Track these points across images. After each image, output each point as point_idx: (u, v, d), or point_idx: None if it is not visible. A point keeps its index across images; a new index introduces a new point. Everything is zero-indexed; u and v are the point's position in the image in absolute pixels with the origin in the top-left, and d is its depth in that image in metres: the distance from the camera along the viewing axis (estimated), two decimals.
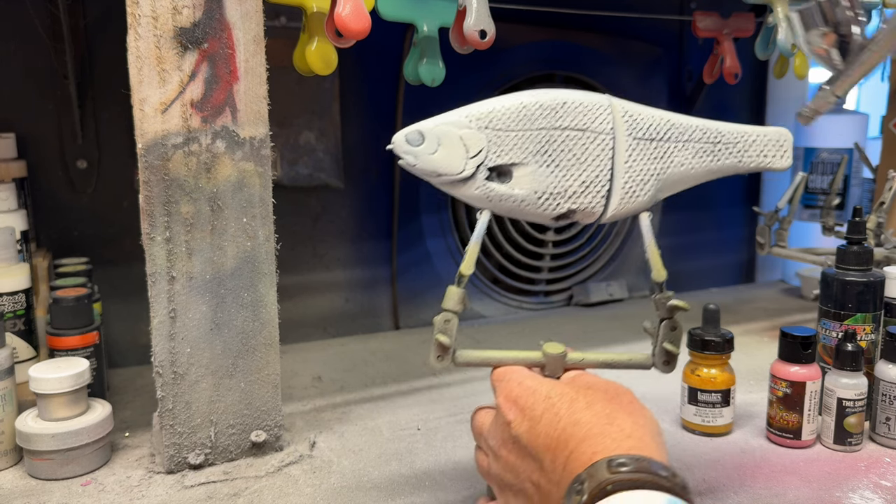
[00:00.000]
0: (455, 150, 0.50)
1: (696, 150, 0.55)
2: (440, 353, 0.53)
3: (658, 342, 0.55)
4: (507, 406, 0.48)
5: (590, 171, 0.52)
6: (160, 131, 0.61)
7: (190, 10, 0.60)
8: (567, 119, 0.52)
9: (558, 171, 0.52)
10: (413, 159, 0.50)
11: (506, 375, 0.51)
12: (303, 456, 0.70)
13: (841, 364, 0.69)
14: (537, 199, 0.52)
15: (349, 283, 1.12)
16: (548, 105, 0.52)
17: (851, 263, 0.74)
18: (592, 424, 0.43)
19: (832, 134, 1.30)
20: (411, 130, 0.51)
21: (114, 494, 0.63)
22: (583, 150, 0.52)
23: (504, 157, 0.51)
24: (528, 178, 0.51)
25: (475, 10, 0.71)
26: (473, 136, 0.51)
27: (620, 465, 0.38)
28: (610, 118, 0.53)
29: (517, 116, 0.51)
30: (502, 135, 0.51)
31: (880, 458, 0.69)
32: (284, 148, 1.04)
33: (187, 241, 0.63)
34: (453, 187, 0.51)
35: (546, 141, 0.51)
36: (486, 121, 0.51)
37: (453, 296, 0.52)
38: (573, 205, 0.52)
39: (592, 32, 1.22)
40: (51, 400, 0.65)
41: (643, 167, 0.53)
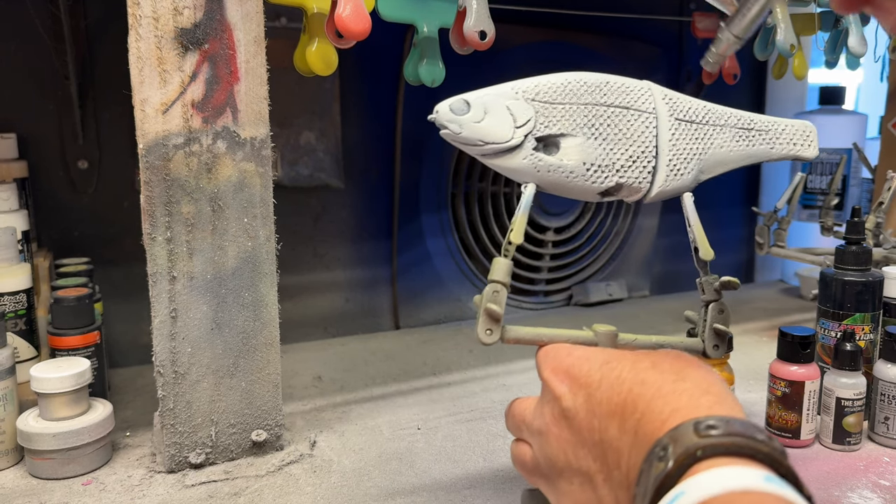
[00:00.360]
0: (502, 118, 0.49)
1: (733, 135, 0.56)
2: (490, 327, 0.49)
3: (707, 325, 0.55)
4: (557, 378, 0.44)
5: (636, 147, 0.52)
6: (161, 132, 0.61)
7: (191, 10, 0.61)
8: (611, 97, 0.52)
9: (605, 144, 0.51)
10: (458, 128, 0.49)
11: (552, 350, 0.47)
12: (303, 455, 0.70)
13: (840, 364, 0.70)
14: (585, 170, 0.51)
15: (349, 282, 1.12)
16: (592, 83, 0.52)
17: (850, 263, 0.74)
18: (662, 382, 0.38)
19: (831, 134, 1.31)
20: (456, 100, 0.50)
21: (115, 494, 0.63)
22: (628, 126, 0.52)
23: (552, 127, 0.50)
24: (577, 149, 0.51)
25: (475, 10, 0.71)
26: (521, 106, 0.50)
27: (709, 427, 0.33)
28: (651, 99, 0.54)
29: (563, 90, 0.51)
30: (549, 107, 0.51)
31: (879, 458, 0.69)
32: (285, 148, 1.04)
33: (188, 241, 0.64)
34: (498, 157, 0.50)
35: (592, 115, 0.51)
36: (532, 93, 0.51)
37: (502, 267, 0.50)
38: (620, 178, 0.52)
39: (592, 33, 1.22)
40: (52, 399, 0.65)
41: (686, 146, 0.54)
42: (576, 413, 0.41)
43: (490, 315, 0.49)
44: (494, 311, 0.49)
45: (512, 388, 0.88)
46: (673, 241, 1.38)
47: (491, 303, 0.49)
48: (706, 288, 0.55)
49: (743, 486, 0.30)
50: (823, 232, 1.13)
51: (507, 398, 0.85)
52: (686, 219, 0.55)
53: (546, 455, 0.43)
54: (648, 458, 0.34)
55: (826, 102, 1.33)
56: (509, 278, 0.49)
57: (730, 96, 1.40)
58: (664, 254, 1.38)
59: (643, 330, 1.10)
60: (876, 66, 1.19)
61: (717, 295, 0.55)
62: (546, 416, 0.43)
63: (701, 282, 0.55)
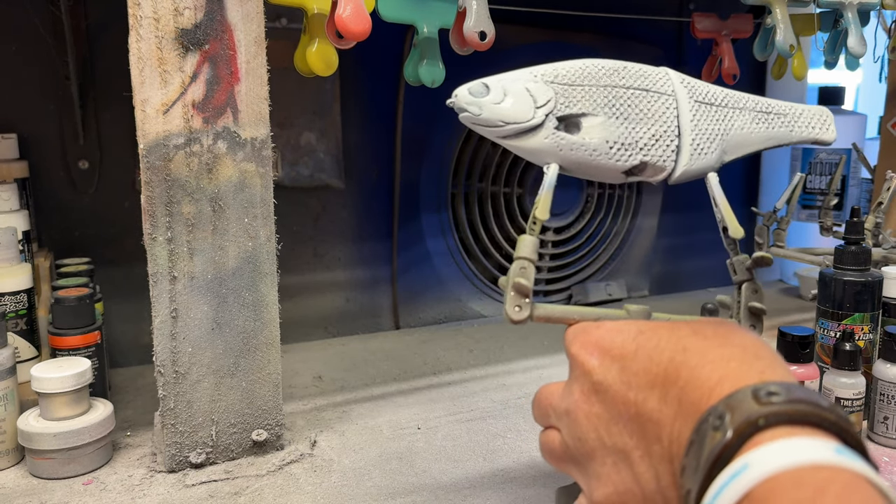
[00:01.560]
0: (522, 99, 0.49)
1: (753, 118, 0.57)
2: (519, 303, 0.47)
3: (742, 305, 0.54)
4: (587, 352, 0.41)
5: (658, 126, 0.52)
6: (162, 132, 0.61)
7: (191, 11, 0.61)
8: (629, 80, 0.52)
9: (627, 123, 0.51)
10: (477, 109, 0.49)
11: (580, 326, 0.44)
12: (304, 455, 0.70)
13: (839, 364, 0.70)
14: (609, 148, 0.51)
15: (350, 282, 1.13)
16: (609, 67, 0.52)
17: (849, 263, 0.74)
18: (706, 348, 0.35)
19: None
20: (475, 83, 0.50)
21: (115, 493, 0.63)
22: (648, 106, 0.52)
23: (573, 107, 0.50)
24: (599, 127, 0.51)
25: (475, 11, 0.71)
26: (540, 87, 0.50)
27: (770, 393, 0.30)
28: (670, 82, 0.54)
29: (581, 74, 0.51)
30: (569, 89, 0.51)
31: (878, 458, 0.69)
32: (285, 148, 1.04)
33: (189, 241, 0.64)
34: (519, 138, 0.50)
35: (613, 96, 0.51)
36: (551, 76, 0.51)
37: (528, 243, 0.48)
38: (644, 157, 0.52)
39: (591, 33, 1.23)
40: (52, 399, 0.66)
41: (708, 127, 0.54)
42: (608, 386, 0.38)
43: (519, 290, 0.47)
44: (523, 285, 0.47)
45: (512, 388, 0.88)
46: (672, 241, 1.38)
47: (519, 277, 0.47)
48: (738, 268, 0.54)
49: (814, 460, 0.27)
50: (823, 232, 1.13)
51: (507, 398, 0.85)
52: (712, 199, 0.55)
53: (576, 436, 0.40)
54: (700, 428, 0.32)
55: (825, 103, 1.33)
56: (536, 255, 0.48)
57: None
58: (664, 254, 1.38)
59: None
60: (875, 67, 1.19)
61: (750, 275, 0.54)
62: (575, 394, 0.41)
63: (732, 262, 0.54)
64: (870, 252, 0.75)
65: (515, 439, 0.74)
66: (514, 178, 1.22)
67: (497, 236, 1.22)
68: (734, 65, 1.05)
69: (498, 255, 1.23)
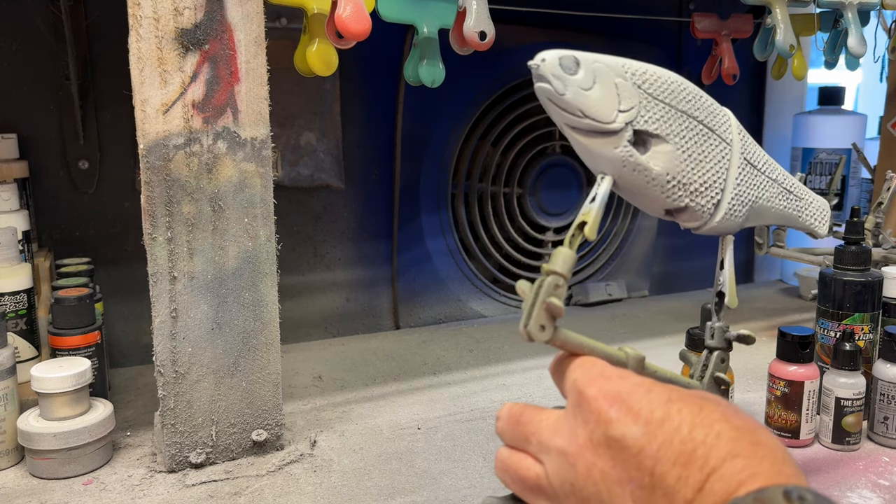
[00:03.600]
0: (609, 95, 0.44)
1: (779, 192, 0.55)
2: (545, 323, 0.43)
3: (708, 372, 0.52)
4: (606, 401, 0.38)
5: (711, 174, 0.49)
6: (162, 132, 0.62)
7: (191, 11, 0.61)
8: (703, 113, 0.49)
9: (689, 160, 0.48)
10: (562, 87, 0.43)
11: (597, 366, 0.41)
12: (303, 455, 0.70)
13: (839, 364, 0.70)
14: (666, 181, 0.47)
15: (350, 282, 1.13)
16: (690, 91, 0.48)
17: (849, 263, 0.74)
18: (738, 440, 0.35)
19: (830, 134, 1.31)
20: (567, 54, 0.43)
21: (115, 493, 0.63)
22: (710, 149, 0.49)
23: (651, 124, 0.46)
24: (665, 156, 0.46)
25: (475, 11, 0.71)
26: (628, 88, 0.45)
27: (802, 498, 0.31)
28: (731, 130, 0.51)
29: (667, 89, 0.47)
30: (651, 102, 0.46)
31: (878, 458, 0.69)
32: (285, 148, 1.04)
33: (189, 241, 0.64)
34: (589, 137, 0.44)
35: (685, 126, 0.48)
36: (640, 79, 0.46)
37: (567, 258, 0.43)
38: (691, 201, 0.48)
39: (591, 34, 1.23)
40: (52, 399, 0.66)
41: (746, 190, 0.52)
42: (626, 447, 0.36)
43: (550, 310, 0.42)
44: (556, 306, 0.42)
45: (512, 388, 0.88)
46: (672, 241, 1.38)
47: (553, 297, 0.42)
48: (717, 335, 0.52)
49: None
50: None
51: (507, 398, 0.85)
52: (719, 261, 0.53)
53: (567, 481, 0.38)
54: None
55: (825, 103, 1.33)
56: (571, 273, 0.44)
57: (729, 97, 1.41)
58: (663, 254, 1.38)
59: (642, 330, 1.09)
60: (875, 67, 1.19)
61: (726, 345, 0.53)
62: (580, 439, 0.38)
63: (713, 327, 0.52)
64: (870, 252, 0.75)
65: None
66: (514, 179, 1.22)
67: (497, 236, 1.22)
68: (734, 65, 1.05)
69: (498, 255, 1.23)
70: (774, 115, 1.46)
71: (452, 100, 1.13)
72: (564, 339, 0.44)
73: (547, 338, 0.43)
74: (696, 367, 0.53)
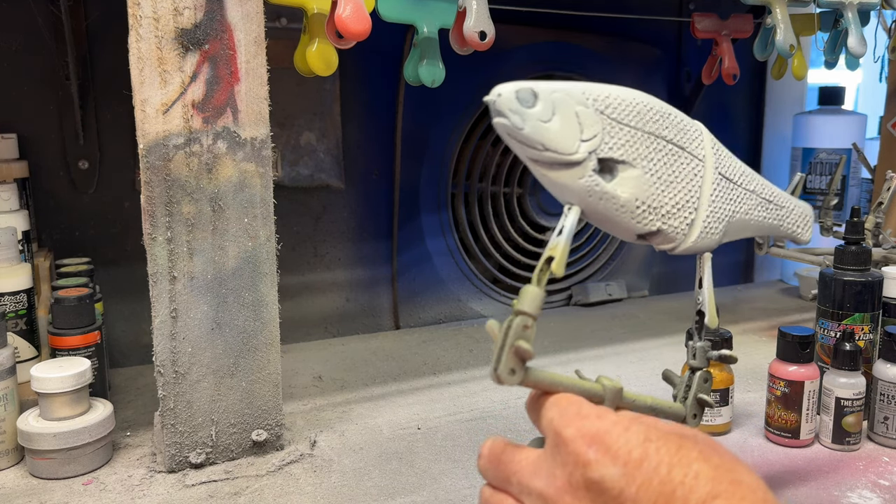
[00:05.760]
0: (570, 125, 0.42)
1: (758, 203, 0.53)
2: (515, 367, 0.43)
3: (691, 393, 0.50)
4: (584, 442, 0.38)
5: (683, 194, 0.47)
6: (161, 132, 0.61)
7: (191, 11, 0.61)
8: (672, 131, 0.47)
9: (659, 183, 0.46)
10: (520, 122, 0.41)
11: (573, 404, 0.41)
12: (303, 455, 0.70)
13: (839, 364, 0.70)
14: (636, 207, 0.45)
15: (350, 282, 1.13)
16: (657, 110, 0.47)
17: (849, 263, 0.74)
18: (717, 479, 0.35)
19: (830, 134, 1.31)
20: (524, 88, 0.41)
21: (115, 493, 0.63)
22: (681, 168, 0.47)
23: (616, 150, 0.44)
24: (633, 182, 0.45)
25: (475, 11, 0.71)
26: (590, 116, 0.43)
27: None
28: (703, 145, 0.49)
29: (632, 111, 0.45)
30: (616, 127, 0.44)
31: (878, 458, 0.69)
32: (285, 148, 1.04)
33: (189, 241, 0.64)
34: (552, 169, 0.43)
35: (653, 148, 0.46)
36: (603, 105, 0.44)
37: (534, 297, 0.43)
38: (663, 224, 0.47)
39: (591, 34, 1.23)
40: (52, 399, 0.66)
41: (722, 206, 0.50)
42: (605, 489, 0.36)
43: (519, 354, 0.42)
44: (525, 350, 0.42)
45: (511, 388, 0.88)
46: None
47: (522, 340, 0.42)
48: (699, 355, 0.51)
49: None
50: (823, 232, 1.13)
51: (507, 398, 0.85)
52: (698, 279, 0.51)
53: None
54: None
55: (825, 103, 1.33)
56: (540, 311, 0.43)
57: (729, 97, 1.41)
58: (663, 254, 1.38)
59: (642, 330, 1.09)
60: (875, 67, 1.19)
61: (708, 364, 0.52)
62: (559, 481, 0.38)
63: (695, 347, 0.51)
64: (870, 252, 0.75)
65: (516, 440, 0.74)
66: (514, 178, 1.22)
67: (497, 236, 1.22)
68: (734, 65, 1.05)
69: (498, 255, 1.23)
70: (774, 115, 1.46)
71: (452, 100, 1.13)
72: (536, 380, 0.43)
73: (517, 381, 0.43)
74: (679, 387, 0.51)
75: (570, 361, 0.97)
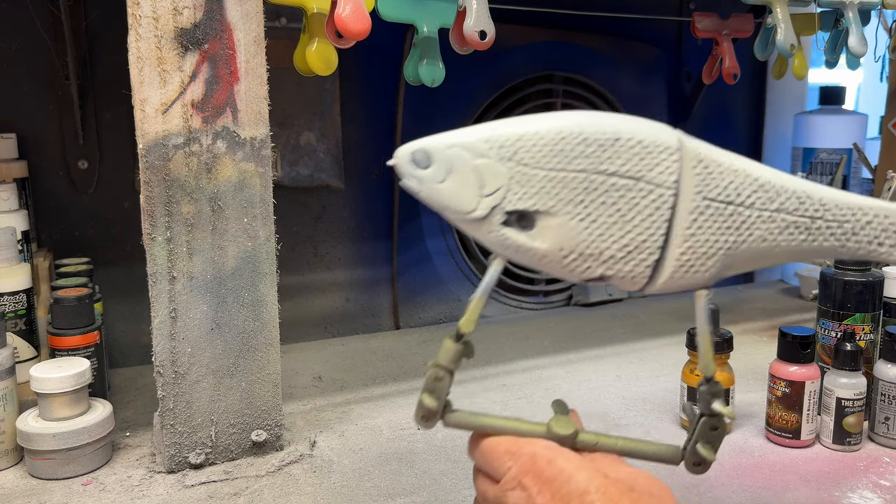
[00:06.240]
0: (467, 182, 0.40)
1: (787, 225, 0.41)
2: (426, 414, 0.43)
3: (693, 440, 0.44)
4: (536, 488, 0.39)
5: (636, 234, 0.41)
6: (161, 132, 0.61)
7: (191, 10, 0.61)
8: (617, 162, 0.40)
9: (594, 227, 0.41)
10: (417, 185, 0.41)
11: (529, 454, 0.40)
12: (303, 455, 0.70)
13: (840, 364, 0.70)
14: (563, 257, 0.41)
15: (350, 282, 1.12)
16: (594, 139, 0.40)
17: (850, 264, 0.74)
18: None
19: (831, 134, 1.31)
20: (418, 148, 0.41)
21: (114, 494, 0.63)
22: (632, 205, 0.40)
23: (526, 201, 0.40)
24: (555, 230, 0.41)
25: (475, 10, 0.71)
26: (492, 168, 0.40)
27: None
28: (676, 167, 0.40)
29: (551, 151, 0.40)
30: (529, 172, 0.40)
31: (879, 458, 0.69)
32: (285, 148, 1.04)
33: (188, 241, 0.64)
34: (464, 225, 0.42)
35: (584, 189, 0.40)
36: (510, 150, 0.40)
37: (449, 351, 0.42)
38: (608, 270, 0.41)
39: (592, 33, 1.22)
40: (52, 399, 0.65)
41: (711, 237, 0.41)
42: None
43: (424, 408, 0.43)
44: (427, 406, 0.42)
45: (512, 389, 0.88)
46: None
47: (428, 393, 0.42)
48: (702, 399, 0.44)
49: None
50: None
51: (507, 398, 0.85)
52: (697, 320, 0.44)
53: None
54: None
55: (826, 102, 1.33)
56: (457, 365, 0.43)
57: (730, 96, 1.41)
58: None
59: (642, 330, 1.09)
60: (876, 66, 1.19)
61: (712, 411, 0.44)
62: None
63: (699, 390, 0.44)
64: None
65: None
66: None
67: None
68: (735, 64, 1.05)
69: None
70: (775, 115, 1.46)
71: (452, 99, 1.12)
72: (459, 423, 0.43)
73: (431, 427, 0.43)
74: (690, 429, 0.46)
75: (570, 362, 0.97)
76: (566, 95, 1.23)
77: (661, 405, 0.82)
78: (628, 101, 1.27)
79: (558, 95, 1.23)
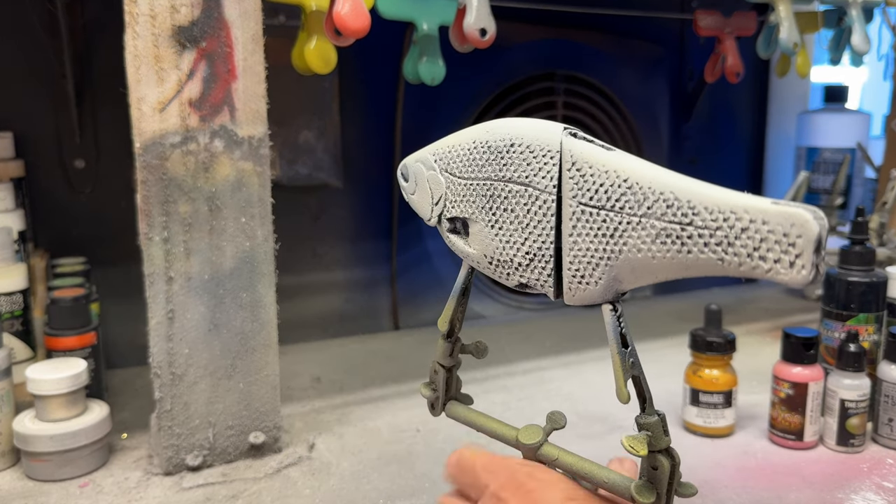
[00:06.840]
0: (425, 192, 0.44)
1: (658, 232, 0.35)
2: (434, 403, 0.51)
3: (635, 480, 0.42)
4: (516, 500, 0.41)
5: (533, 241, 0.39)
6: (158, 130, 0.61)
7: (188, 8, 0.60)
8: (511, 168, 0.39)
9: (502, 235, 0.41)
10: (406, 196, 0.46)
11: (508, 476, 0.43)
12: (302, 457, 0.70)
13: (843, 365, 0.69)
14: (488, 264, 0.42)
15: (349, 283, 1.12)
16: (495, 147, 0.40)
17: (854, 264, 0.73)
18: None
19: (835, 133, 1.30)
20: (403, 164, 0.46)
21: (111, 496, 0.63)
22: (525, 211, 0.39)
23: (456, 208, 0.43)
24: (478, 237, 0.42)
25: (475, 8, 0.70)
26: (436, 179, 0.44)
27: None
28: (555, 171, 0.38)
29: (467, 160, 0.42)
30: (456, 182, 0.42)
31: (883, 460, 0.69)
32: (283, 147, 1.03)
33: (185, 241, 0.63)
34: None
35: (490, 196, 0.41)
36: (445, 162, 0.43)
37: (439, 348, 0.48)
38: (522, 278, 0.41)
39: (593, 31, 1.22)
40: (48, 401, 0.65)
41: (591, 245, 0.37)
42: None
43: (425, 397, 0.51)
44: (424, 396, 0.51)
45: (513, 390, 0.88)
46: None
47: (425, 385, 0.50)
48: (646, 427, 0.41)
49: None
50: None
51: (508, 399, 0.84)
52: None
53: None
54: None
55: (830, 101, 1.32)
56: (451, 360, 0.49)
57: (733, 95, 1.40)
58: None
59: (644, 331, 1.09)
60: (880, 65, 1.18)
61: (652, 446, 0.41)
62: None
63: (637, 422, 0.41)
64: (874, 252, 0.74)
65: None
66: None
67: None
68: (738, 62, 1.04)
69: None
70: (778, 114, 1.46)
71: (452, 98, 1.12)
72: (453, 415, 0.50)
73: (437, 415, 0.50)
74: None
75: (571, 363, 0.97)
76: (567, 94, 1.23)
77: (662, 407, 0.80)
78: (630, 99, 1.27)
79: (559, 94, 1.22)
